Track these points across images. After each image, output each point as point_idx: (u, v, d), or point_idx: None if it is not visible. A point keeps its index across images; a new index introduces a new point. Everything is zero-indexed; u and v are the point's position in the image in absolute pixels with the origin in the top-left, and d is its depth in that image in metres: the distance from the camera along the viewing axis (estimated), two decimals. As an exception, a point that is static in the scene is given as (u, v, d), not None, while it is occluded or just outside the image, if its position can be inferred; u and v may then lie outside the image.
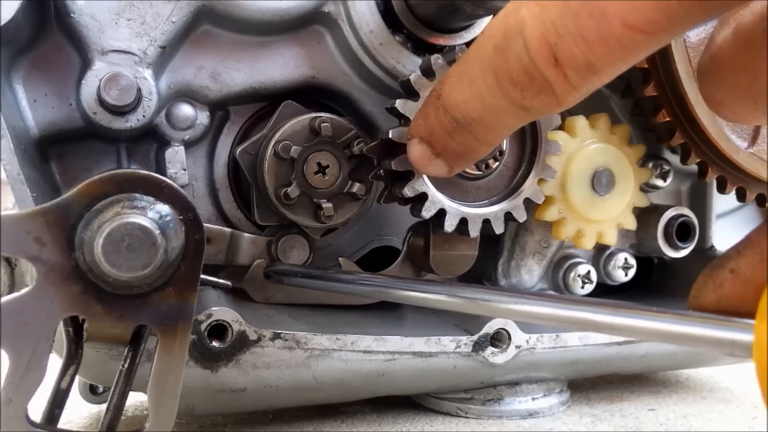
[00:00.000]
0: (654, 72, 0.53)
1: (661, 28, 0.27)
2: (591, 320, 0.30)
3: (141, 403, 0.63)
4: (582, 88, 0.31)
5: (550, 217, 0.53)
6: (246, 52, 0.50)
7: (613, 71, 0.30)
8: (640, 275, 0.64)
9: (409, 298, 0.40)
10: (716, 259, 0.30)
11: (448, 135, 0.38)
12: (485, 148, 0.39)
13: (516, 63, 0.32)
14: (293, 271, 0.49)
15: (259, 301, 0.51)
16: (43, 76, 0.47)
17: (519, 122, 0.37)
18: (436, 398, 0.58)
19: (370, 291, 0.44)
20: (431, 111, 0.39)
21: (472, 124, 0.36)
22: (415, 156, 0.41)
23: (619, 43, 0.28)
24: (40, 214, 0.33)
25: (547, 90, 0.31)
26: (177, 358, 0.36)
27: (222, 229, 0.51)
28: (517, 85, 0.32)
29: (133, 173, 0.35)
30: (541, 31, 0.30)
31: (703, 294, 0.29)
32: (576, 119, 0.54)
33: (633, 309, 0.29)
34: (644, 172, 0.57)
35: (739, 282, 0.28)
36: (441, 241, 0.50)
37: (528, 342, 0.54)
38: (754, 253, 0.28)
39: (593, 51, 0.29)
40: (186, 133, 0.50)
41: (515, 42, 0.31)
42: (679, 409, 0.62)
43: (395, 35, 0.50)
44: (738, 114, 0.35)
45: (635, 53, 0.29)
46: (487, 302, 0.35)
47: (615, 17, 0.28)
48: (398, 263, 0.53)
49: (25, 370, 0.33)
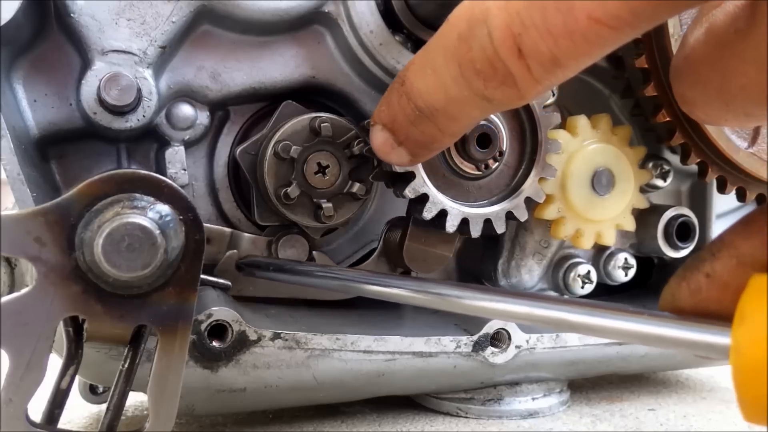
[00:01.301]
0: (654, 72, 0.53)
1: (626, 23, 0.27)
2: (567, 320, 0.29)
3: (141, 403, 0.63)
4: (545, 81, 0.31)
5: (549, 215, 0.54)
6: (246, 52, 0.50)
7: (578, 65, 0.30)
8: (640, 275, 0.64)
9: (382, 293, 0.39)
10: (688, 261, 0.29)
11: (410, 123, 0.38)
12: (448, 139, 0.39)
13: (479, 52, 0.31)
14: (266, 263, 0.48)
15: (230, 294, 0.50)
16: (43, 76, 0.47)
17: (481, 114, 0.36)
18: (436, 398, 0.58)
19: (342, 285, 0.43)
20: (394, 98, 0.38)
21: (434, 114, 0.36)
22: (378, 143, 0.40)
23: (584, 37, 0.28)
24: (40, 214, 0.33)
25: (510, 82, 0.31)
26: (177, 358, 0.36)
27: (222, 229, 0.51)
28: (480, 75, 0.32)
29: (133, 173, 0.35)
30: (506, 22, 0.30)
31: (678, 298, 0.29)
32: (577, 119, 0.54)
33: (610, 309, 0.28)
34: (644, 174, 0.57)
35: (715, 286, 0.28)
36: (418, 235, 0.50)
37: (528, 342, 0.54)
38: (729, 256, 0.28)
39: (558, 44, 0.29)
40: (186, 133, 0.50)
41: (479, 31, 0.31)
42: (679, 409, 0.62)
43: (395, 35, 0.50)
44: (710, 115, 0.35)
45: (600, 48, 0.29)
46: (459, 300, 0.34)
47: (581, 11, 0.27)
48: (374, 258, 0.53)
49: (25, 370, 0.33)
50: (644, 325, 0.27)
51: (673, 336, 0.26)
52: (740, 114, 0.33)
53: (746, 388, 0.24)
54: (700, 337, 0.26)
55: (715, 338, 0.25)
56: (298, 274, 0.46)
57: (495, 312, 0.33)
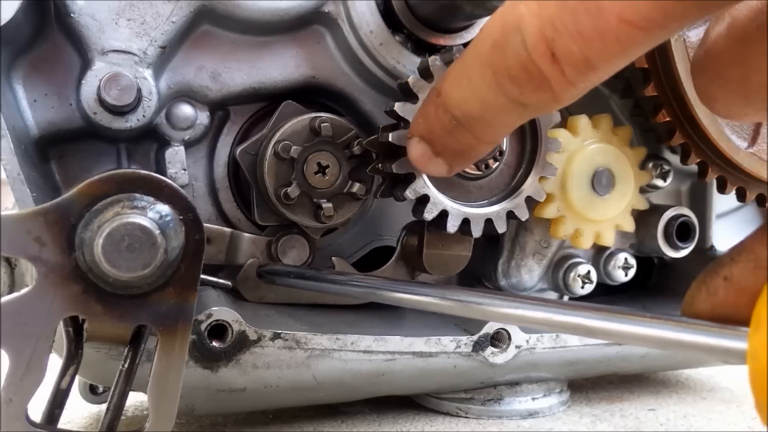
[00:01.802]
0: (654, 72, 0.53)
1: (657, 24, 0.28)
2: (584, 325, 0.30)
3: (141, 403, 0.63)
4: (579, 84, 0.31)
5: (548, 214, 0.54)
6: (246, 52, 0.50)
7: (610, 68, 0.30)
8: (640, 275, 0.64)
9: (401, 300, 0.39)
10: (710, 265, 0.30)
11: (447, 133, 0.38)
12: (485, 147, 0.39)
13: (514, 59, 0.32)
14: (286, 271, 0.49)
15: (251, 300, 0.50)
16: (43, 76, 0.47)
17: (518, 120, 0.37)
18: (436, 398, 0.58)
19: (362, 292, 0.43)
20: (431, 109, 0.39)
21: (471, 122, 0.37)
22: (416, 155, 0.41)
23: (616, 39, 0.28)
24: (40, 214, 0.33)
25: (545, 86, 0.32)
26: (177, 358, 0.36)
27: (222, 229, 0.51)
28: (515, 81, 0.32)
29: (133, 173, 0.35)
30: (539, 28, 0.30)
31: (697, 301, 0.29)
32: (578, 118, 0.54)
33: (627, 315, 0.29)
34: (644, 175, 0.57)
35: (732, 290, 0.28)
36: (435, 240, 0.50)
37: (528, 342, 0.54)
38: (747, 260, 0.28)
39: (590, 47, 0.29)
40: (186, 133, 0.50)
41: (513, 38, 0.31)
42: (679, 409, 0.62)
43: (395, 35, 0.50)
44: (730, 110, 0.35)
45: (632, 50, 0.29)
46: (479, 306, 0.35)
47: (611, 13, 0.28)
48: (392, 263, 0.53)
49: (25, 370, 0.33)
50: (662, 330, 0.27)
51: (690, 341, 0.26)
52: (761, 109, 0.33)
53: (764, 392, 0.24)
54: (717, 342, 0.26)
55: (732, 343, 0.25)
56: (319, 281, 0.46)
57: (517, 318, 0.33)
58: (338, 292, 0.47)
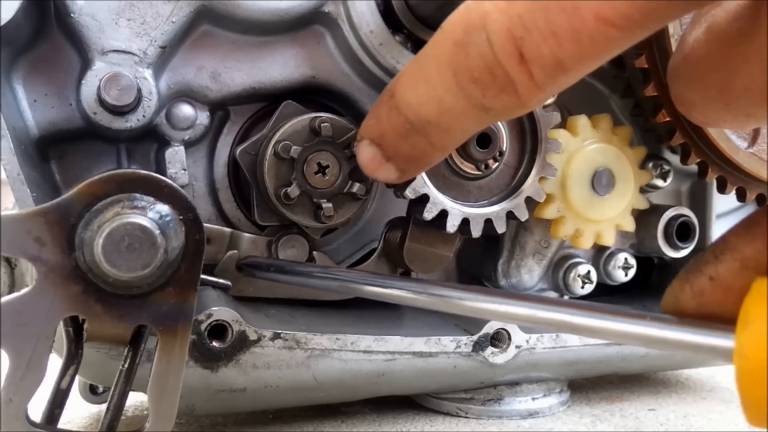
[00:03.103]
0: (654, 72, 0.53)
1: (635, 23, 0.26)
2: (568, 322, 0.29)
3: (141, 403, 0.63)
4: (547, 88, 0.30)
5: (548, 214, 0.54)
6: (246, 52, 0.50)
7: (582, 70, 0.29)
8: (641, 275, 0.64)
9: (382, 294, 0.38)
10: (691, 262, 0.29)
11: (400, 137, 0.36)
12: (439, 154, 0.37)
13: (477, 59, 0.30)
14: (266, 264, 0.48)
15: (230, 294, 0.50)
16: (43, 76, 0.47)
17: (477, 125, 0.35)
18: (436, 398, 0.58)
19: (342, 286, 0.42)
20: (383, 111, 0.37)
21: (426, 127, 0.34)
22: (365, 159, 0.39)
23: (592, 38, 0.27)
24: (40, 214, 0.33)
25: (510, 89, 0.30)
26: (177, 358, 0.36)
27: (222, 229, 0.51)
28: (478, 83, 0.30)
29: (133, 173, 0.35)
30: (507, 26, 0.28)
31: (681, 300, 0.29)
32: (578, 118, 0.54)
33: (613, 312, 0.28)
34: (644, 175, 0.57)
35: (719, 289, 0.27)
36: (419, 235, 0.50)
37: (528, 342, 0.54)
38: (733, 259, 0.27)
39: (563, 47, 0.28)
40: (186, 133, 0.50)
41: (477, 36, 0.30)
42: (679, 409, 0.62)
43: (395, 35, 0.50)
44: (708, 116, 0.34)
45: (607, 50, 0.28)
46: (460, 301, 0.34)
47: (588, 11, 0.26)
48: (374, 259, 0.53)
49: (25, 370, 0.33)
50: (648, 328, 0.27)
51: (676, 339, 0.26)
52: (740, 115, 0.32)
53: (750, 391, 0.24)
54: (703, 340, 0.26)
55: (719, 341, 0.25)
56: (298, 274, 0.46)
57: (496, 314, 0.32)
58: (318, 286, 0.45)
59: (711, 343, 0.25)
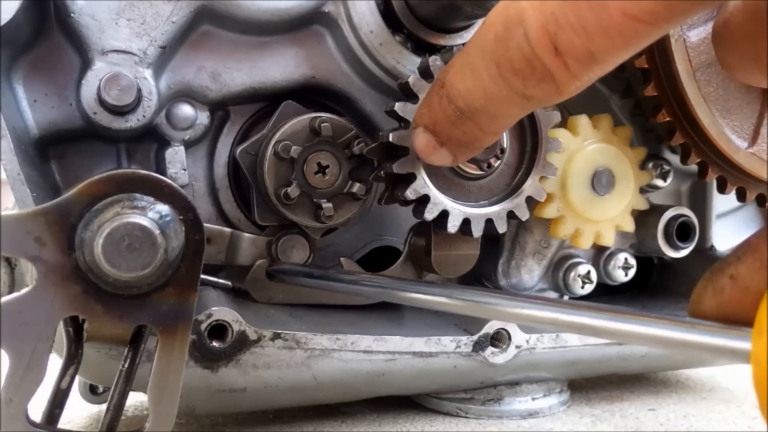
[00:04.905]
0: (654, 72, 0.53)
1: (661, 18, 0.28)
2: (589, 325, 0.30)
3: (141, 403, 0.63)
4: (583, 77, 0.31)
5: (548, 214, 0.54)
6: (246, 52, 0.50)
7: (614, 60, 0.31)
8: (640, 275, 0.64)
9: (410, 299, 0.40)
10: (717, 264, 0.29)
11: (452, 124, 0.38)
12: (489, 137, 0.40)
13: (517, 52, 0.32)
14: (295, 270, 0.49)
15: (261, 301, 0.51)
16: (43, 76, 0.47)
17: (521, 111, 0.37)
18: (436, 398, 0.58)
19: (372, 292, 0.44)
20: (435, 100, 0.39)
21: (475, 114, 0.37)
22: (421, 145, 0.41)
23: (620, 33, 0.28)
24: (40, 214, 0.33)
25: (548, 79, 0.32)
26: (177, 358, 0.36)
27: (222, 229, 0.51)
28: (519, 74, 0.33)
29: (133, 173, 0.35)
30: (541, 22, 0.30)
31: (703, 300, 0.29)
32: (578, 118, 0.54)
33: (631, 315, 0.29)
34: (644, 175, 0.57)
35: (738, 288, 0.28)
36: (442, 241, 0.50)
37: (528, 342, 0.54)
38: (753, 259, 0.28)
39: (594, 41, 0.29)
40: (186, 133, 0.50)
41: (516, 31, 0.32)
42: (679, 409, 0.62)
43: (395, 35, 0.50)
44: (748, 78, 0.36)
45: (636, 43, 0.29)
46: (487, 305, 0.35)
47: (615, 8, 0.28)
48: (400, 263, 0.53)
49: (25, 370, 0.33)
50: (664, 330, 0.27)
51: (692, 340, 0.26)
52: None
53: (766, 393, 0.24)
54: (719, 342, 0.26)
55: (735, 343, 0.25)
56: (329, 280, 0.46)
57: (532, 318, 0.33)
58: (348, 291, 0.47)
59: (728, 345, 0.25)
